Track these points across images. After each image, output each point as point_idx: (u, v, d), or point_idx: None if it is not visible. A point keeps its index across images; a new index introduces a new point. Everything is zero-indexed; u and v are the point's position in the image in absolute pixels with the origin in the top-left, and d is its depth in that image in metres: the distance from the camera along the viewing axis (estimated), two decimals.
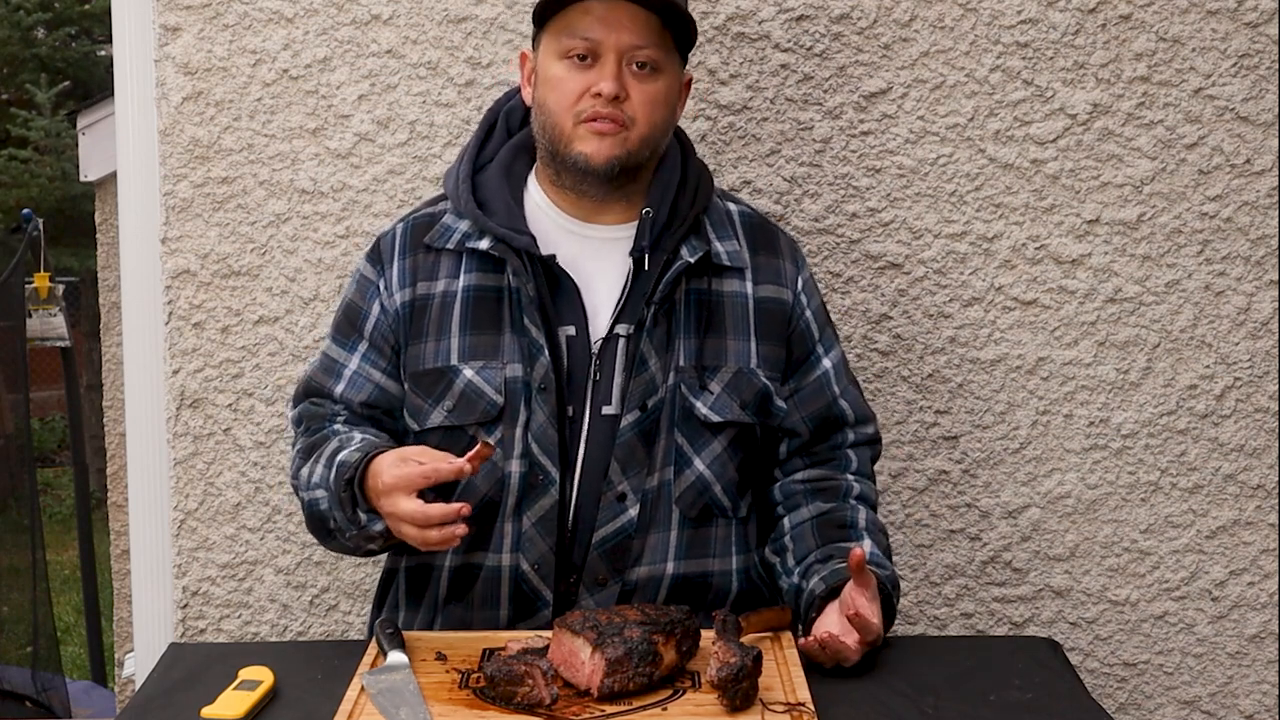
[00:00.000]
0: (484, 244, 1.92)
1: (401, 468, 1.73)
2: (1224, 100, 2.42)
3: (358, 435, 1.90)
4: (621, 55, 1.86)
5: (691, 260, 1.92)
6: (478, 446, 1.71)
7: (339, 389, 1.97)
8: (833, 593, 1.83)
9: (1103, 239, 2.44)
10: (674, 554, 1.93)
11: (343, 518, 1.83)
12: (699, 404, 1.93)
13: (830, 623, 1.79)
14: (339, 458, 1.84)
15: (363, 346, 1.98)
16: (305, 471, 1.92)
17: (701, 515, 1.95)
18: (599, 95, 1.85)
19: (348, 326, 2.00)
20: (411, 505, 1.72)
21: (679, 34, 1.91)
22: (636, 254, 1.92)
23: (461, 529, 1.73)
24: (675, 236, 1.93)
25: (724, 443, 1.95)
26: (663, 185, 1.96)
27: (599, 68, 1.86)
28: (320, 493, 1.87)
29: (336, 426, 1.95)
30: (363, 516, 1.81)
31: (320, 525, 1.91)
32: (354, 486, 1.79)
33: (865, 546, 1.91)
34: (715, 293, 1.97)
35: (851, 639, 1.75)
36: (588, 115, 1.86)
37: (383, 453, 1.79)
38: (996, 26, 2.41)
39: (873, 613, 1.77)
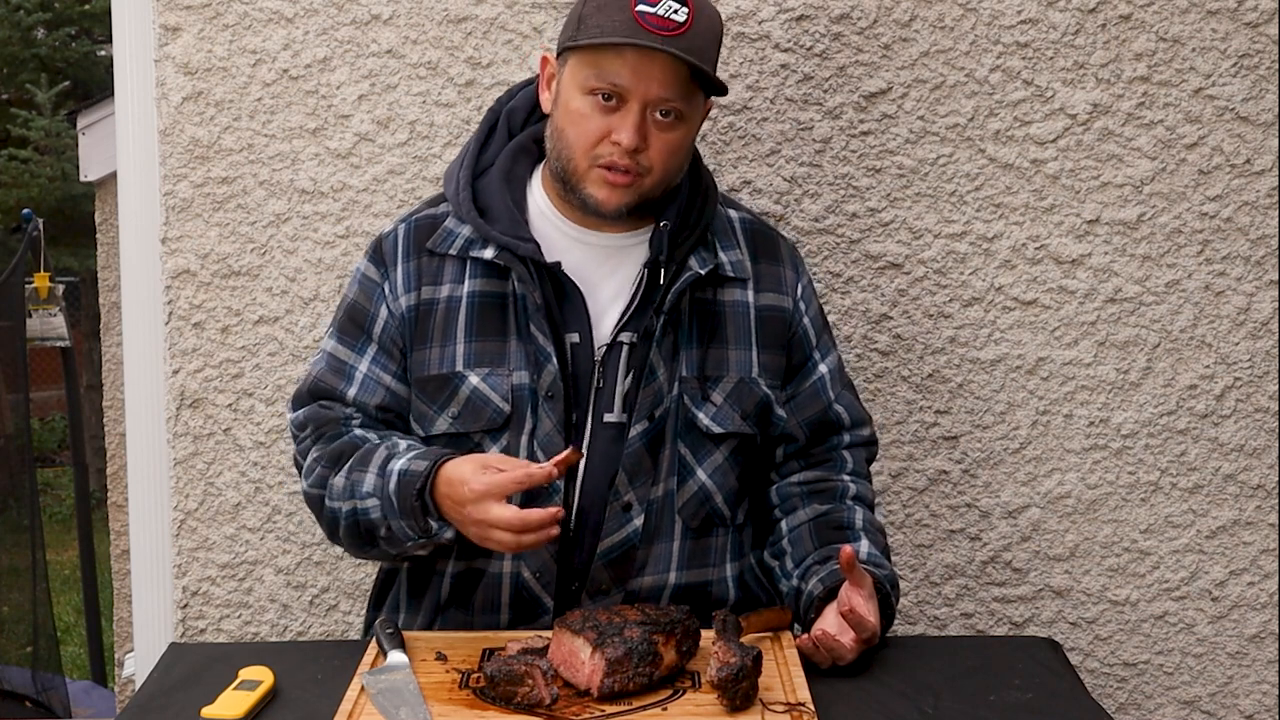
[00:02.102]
0: (488, 253, 1.90)
1: (489, 475, 1.73)
2: (1224, 100, 2.42)
3: (401, 442, 1.87)
4: (646, 106, 1.83)
5: (702, 272, 1.92)
6: (566, 452, 1.73)
7: (351, 392, 1.95)
8: (831, 593, 1.83)
9: (1103, 239, 2.44)
10: (676, 564, 1.93)
11: (403, 526, 1.81)
12: (701, 414, 1.93)
13: (828, 623, 1.79)
14: (396, 466, 1.81)
15: (372, 349, 1.96)
16: (340, 481, 1.88)
17: (703, 525, 1.95)
18: (618, 144, 1.83)
19: (353, 328, 1.98)
20: (507, 512, 1.71)
21: (707, 80, 1.87)
22: (651, 265, 1.92)
23: (556, 530, 1.73)
24: (685, 247, 1.93)
25: (725, 453, 1.95)
26: (677, 199, 1.94)
27: (622, 114, 1.83)
28: (372, 502, 1.83)
29: (357, 432, 1.92)
30: (433, 525, 1.80)
31: (365, 534, 1.88)
32: (424, 495, 1.78)
33: (862, 546, 1.91)
34: (718, 302, 1.97)
35: (847, 637, 1.75)
36: (604, 162, 1.85)
37: (449, 460, 1.78)
38: (996, 26, 2.41)
39: (868, 610, 1.77)
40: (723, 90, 1.90)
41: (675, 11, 1.80)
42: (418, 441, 1.91)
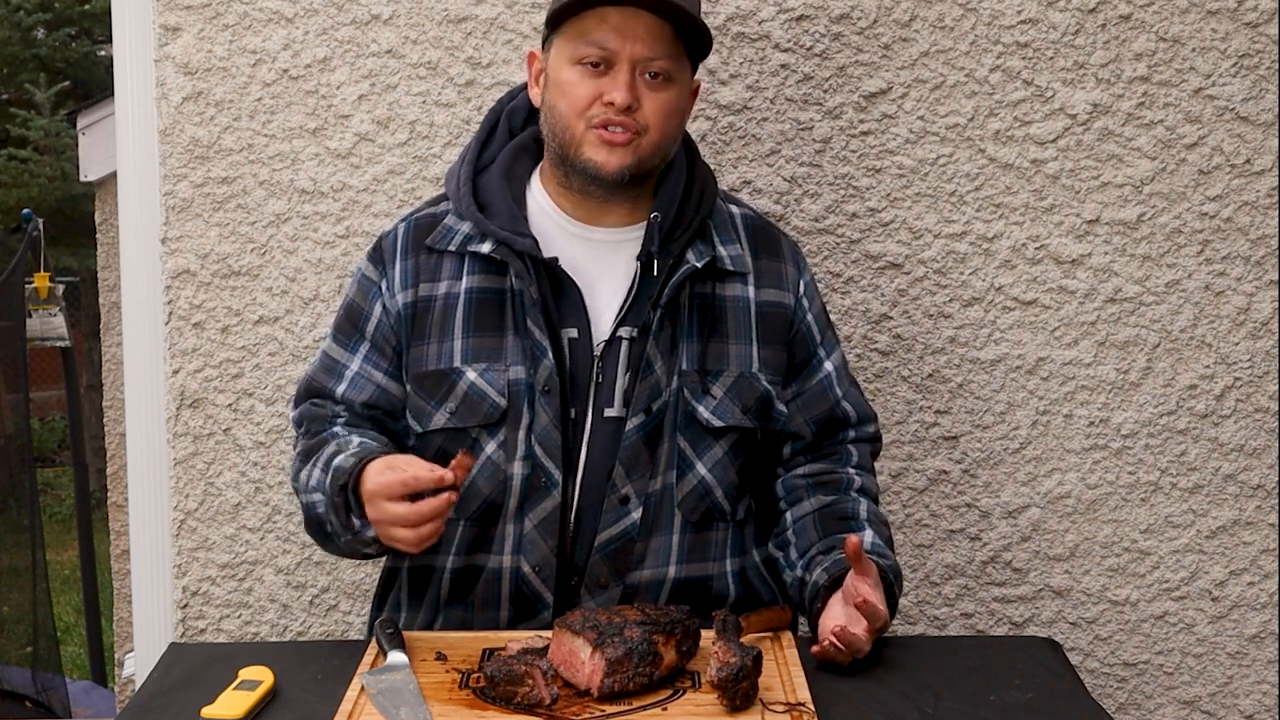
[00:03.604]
0: (485, 247, 1.91)
1: (385, 475, 1.74)
2: (1224, 100, 2.42)
3: (355, 439, 1.89)
4: (635, 65, 1.85)
5: (698, 265, 1.93)
6: (458, 457, 1.71)
7: (340, 389, 1.97)
8: (835, 583, 1.83)
9: (1103, 239, 2.44)
10: (676, 557, 1.93)
11: (338, 523, 1.83)
12: (700, 408, 1.93)
13: (836, 615, 1.79)
14: (335, 463, 1.83)
15: (364, 347, 1.98)
16: (304, 475, 1.91)
17: (703, 519, 1.95)
18: (611, 104, 1.85)
19: (349, 326, 1.99)
20: (399, 508, 1.71)
21: (691, 42, 1.91)
22: (644, 258, 1.92)
23: (449, 512, 1.72)
24: (681, 240, 1.93)
25: (725, 446, 1.95)
26: (670, 189, 1.95)
27: (612, 76, 1.85)
28: (317, 496, 1.87)
29: (336, 429, 1.94)
30: (356, 522, 1.81)
31: (318, 528, 1.91)
32: (348, 492, 1.79)
33: (866, 537, 1.91)
34: (718, 297, 1.97)
35: (860, 628, 1.75)
36: (599, 122, 1.86)
37: (375, 459, 1.79)
38: (996, 26, 2.41)
39: (878, 599, 1.77)
40: (708, 47, 1.92)
41: None
42: (377, 439, 1.91)
